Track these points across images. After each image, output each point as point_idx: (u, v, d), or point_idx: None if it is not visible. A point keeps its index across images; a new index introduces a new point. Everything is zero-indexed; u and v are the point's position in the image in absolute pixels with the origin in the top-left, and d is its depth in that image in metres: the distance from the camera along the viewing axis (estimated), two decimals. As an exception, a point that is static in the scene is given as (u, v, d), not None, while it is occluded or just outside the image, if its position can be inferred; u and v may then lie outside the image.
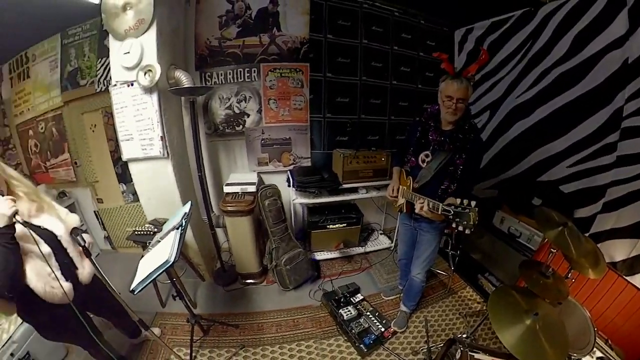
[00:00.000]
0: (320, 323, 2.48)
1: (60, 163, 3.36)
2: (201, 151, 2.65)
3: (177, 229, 1.81)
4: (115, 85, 2.30)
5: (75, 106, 3.12)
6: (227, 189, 2.78)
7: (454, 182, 1.78)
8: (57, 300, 1.39)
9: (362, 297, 2.55)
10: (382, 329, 2.24)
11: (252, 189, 2.76)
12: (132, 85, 2.26)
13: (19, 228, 1.25)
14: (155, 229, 2.43)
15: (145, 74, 2.16)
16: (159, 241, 1.89)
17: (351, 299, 2.52)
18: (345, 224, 3.01)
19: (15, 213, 1.24)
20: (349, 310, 2.37)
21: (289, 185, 2.92)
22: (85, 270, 1.59)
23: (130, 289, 1.58)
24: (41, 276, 1.33)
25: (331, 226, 2.98)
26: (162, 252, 1.67)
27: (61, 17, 2.73)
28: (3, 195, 1.27)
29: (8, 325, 2.08)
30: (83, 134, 3.21)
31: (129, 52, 2.17)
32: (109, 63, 2.46)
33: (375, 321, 2.30)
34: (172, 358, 2.21)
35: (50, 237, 1.43)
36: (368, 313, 2.37)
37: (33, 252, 1.32)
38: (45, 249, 1.36)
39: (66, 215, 1.63)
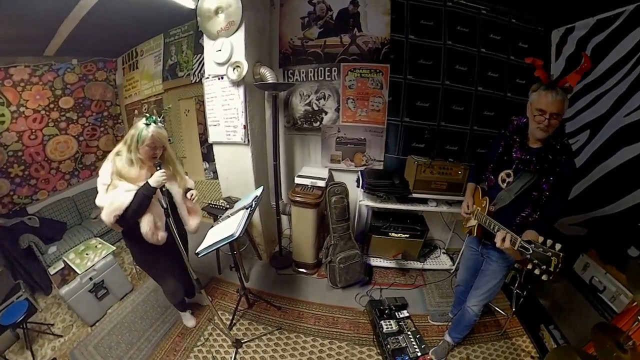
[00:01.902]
0: (358, 328, 2.46)
1: None
2: (279, 142, 2.87)
3: (247, 209, 1.99)
4: (207, 77, 2.69)
5: (173, 93, 3.79)
6: (297, 180, 2.95)
7: (537, 211, 1.53)
8: (152, 241, 1.85)
9: (407, 315, 2.40)
10: (419, 354, 2.08)
11: (322, 183, 2.87)
12: (222, 78, 2.60)
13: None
14: (228, 206, 2.74)
15: (234, 69, 2.47)
16: (229, 216, 2.11)
17: (396, 313, 2.41)
18: (408, 235, 2.86)
19: (164, 184, 1.77)
20: (390, 324, 2.28)
21: (357, 186, 2.92)
22: (192, 223, 2.10)
23: (196, 251, 1.84)
24: (150, 222, 1.81)
25: (393, 234, 2.87)
26: (230, 226, 1.87)
27: (164, 20, 3.31)
28: (161, 168, 1.76)
29: (93, 257, 2.71)
30: (178, 117, 3.88)
31: (220, 50, 2.51)
32: (203, 59, 2.87)
33: (413, 343, 2.14)
34: (215, 319, 2.51)
35: (169, 199, 1.91)
36: (409, 332, 2.22)
37: (154, 204, 1.80)
38: (162, 208, 1.82)
39: (186, 180, 2.11)
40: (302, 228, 2.91)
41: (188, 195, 2.03)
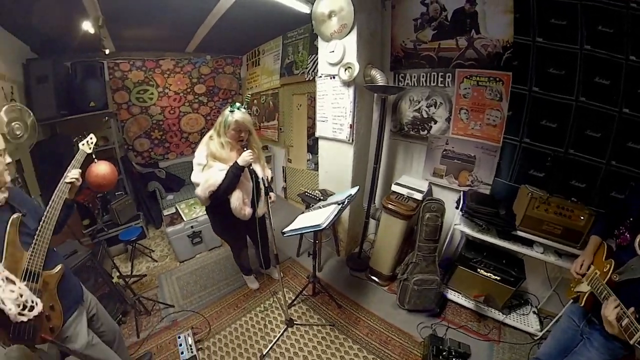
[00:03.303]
0: (408, 357, 2.34)
1: (270, 126, 4.99)
2: (382, 146, 2.96)
3: (339, 204, 2.16)
4: (320, 76, 2.99)
5: (288, 88, 4.39)
6: (394, 188, 2.97)
7: None
8: (239, 216, 2.29)
9: (466, 366, 2.08)
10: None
11: (419, 196, 2.82)
12: (333, 78, 2.85)
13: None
14: (322, 197, 3.02)
15: (345, 70, 2.68)
16: (320, 207, 2.35)
17: (454, 359, 2.10)
18: (498, 278, 2.49)
19: (251, 163, 2.16)
20: (442, 369, 2.03)
21: (456, 207, 2.71)
22: (262, 209, 2.45)
23: (282, 231, 2.14)
24: (238, 198, 2.24)
25: (482, 271, 2.55)
26: (319, 216, 2.07)
27: (283, 24, 3.86)
28: (247, 149, 2.19)
29: (199, 211, 3.50)
30: (290, 110, 4.46)
31: (333, 51, 2.75)
32: (317, 59, 3.20)
33: (460, 399, 1.86)
34: (279, 294, 2.85)
35: (255, 178, 2.33)
36: (459, 386, 1.93)
37: (243, 183, 2.23)
38: (250, 184, 2.28)
39: (265, 169, 2.52)
40: (387, 237, 2.91)
41: (268, 197, 2.33)
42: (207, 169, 2.14)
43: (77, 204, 3.25)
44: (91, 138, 1.83)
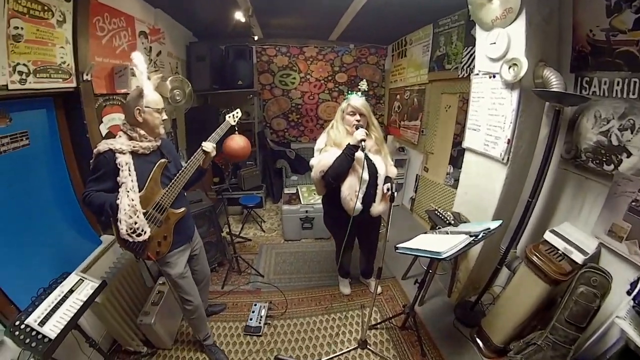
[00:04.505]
0: None
1: (410, 126, 4.84)
2: (545, 175, 2.45)
3: (471, 237, 1.94)
4: (477, 74, 2.69)
5: (437, 85, 4.15)
6: (548, 236, 2.41)
7: None
8: (347, 208, 2.46)
9: None
10: None
11: (579, 258, 2.18)
12: (494, 77, 2.51)
13: (359, 154, 2.30)
14: (453, 221, 2.81)
15: (509, 67, 2.31)
16: (447, 233, 2.23)
17: None
18: None
19: (363, 141, 2.29)
20: None
21: (628, 292, 1.97)
22: (377, 207, 2.55)
23: (396, 245, 2.08)
24: (350, 188, 2.41)
25: None
26: (442, 243, 1.92)
27: (434, 10, 3.65)
28: (363, 128, 2.37)
29: (317, 198, 4.01)
30: (437, 111, 4.20)
31: (494, 43, 2.41)
32: (474, 52, 2.83)
33: None
34: (367, 308, 2.90)
35: (373, 171, 2.46)
36: None
37: (357, 171, 2.40)
38: (365, 176, 2.40)
39: (390, 166, 2.63)
40: (517, 297, 2.43)
41: (385, 187, 2.34)
42: (324, 153, 2.43)
43: (213, 164, 4.19)
44: (237, 112, 2.35)
